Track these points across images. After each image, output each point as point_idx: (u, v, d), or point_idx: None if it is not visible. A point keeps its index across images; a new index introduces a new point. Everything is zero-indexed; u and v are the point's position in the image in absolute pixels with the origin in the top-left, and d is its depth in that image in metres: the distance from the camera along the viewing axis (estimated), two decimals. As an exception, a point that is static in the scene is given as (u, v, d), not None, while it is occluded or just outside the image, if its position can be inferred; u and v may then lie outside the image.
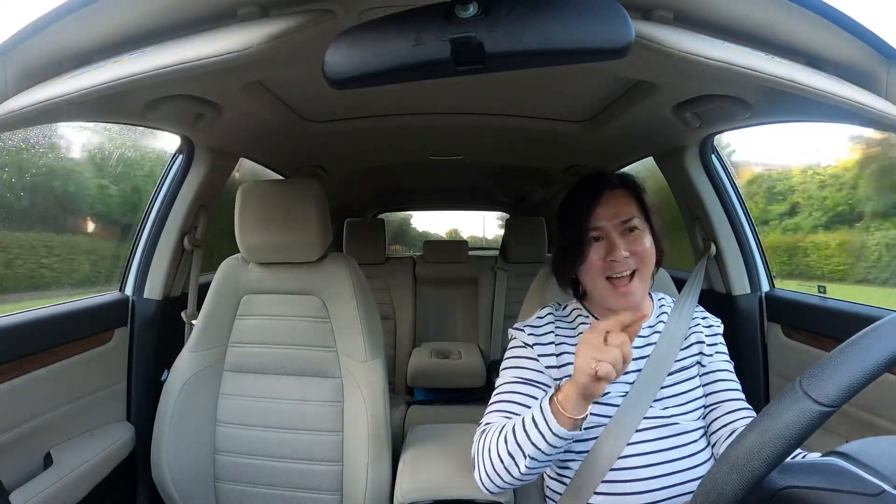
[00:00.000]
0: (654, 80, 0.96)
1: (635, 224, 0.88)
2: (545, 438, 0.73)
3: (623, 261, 0.86)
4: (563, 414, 0.72)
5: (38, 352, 1.09)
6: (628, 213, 0.88)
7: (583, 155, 1.76)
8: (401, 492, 1.05)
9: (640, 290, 0.87)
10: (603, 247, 0.88)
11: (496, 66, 0.57)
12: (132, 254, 1.44)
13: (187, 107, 1.04)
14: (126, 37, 0.72)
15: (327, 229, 1.28)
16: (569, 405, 0.72)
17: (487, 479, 0.81)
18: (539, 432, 0.74)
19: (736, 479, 0.47)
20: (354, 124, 1.41)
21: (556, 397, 0.74)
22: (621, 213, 0.88)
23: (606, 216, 0.88)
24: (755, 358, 1.41)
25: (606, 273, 0.87)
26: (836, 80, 0.72)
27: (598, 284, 0.89)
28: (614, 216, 0.88)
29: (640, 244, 0.87)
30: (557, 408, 0.73)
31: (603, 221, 0.88)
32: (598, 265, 0.87)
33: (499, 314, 2.58)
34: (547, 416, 0.73)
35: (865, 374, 0.46)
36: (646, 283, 0.89)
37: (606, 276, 0.87)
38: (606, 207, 0.88)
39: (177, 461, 1.22)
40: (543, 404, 0.75)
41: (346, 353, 1.25)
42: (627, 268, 0.86)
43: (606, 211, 0.88)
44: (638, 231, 0.88)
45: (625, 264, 0.86)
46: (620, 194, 0.91)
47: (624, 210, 0.88)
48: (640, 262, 0.87)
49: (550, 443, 0.73)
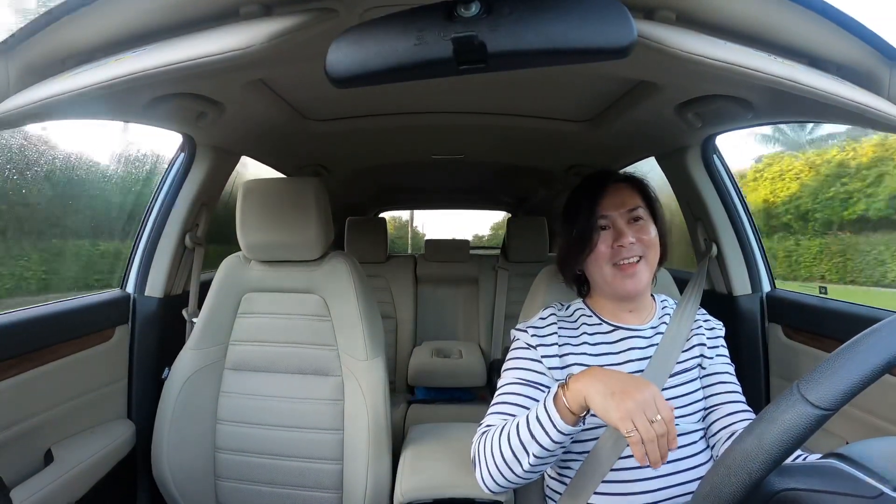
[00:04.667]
0: (656, 80, 0.96)
1: (640, 214, 0.92)
2: (549, 435, 0.73)
3: (630, 246, 0.89)
4: (567, 411, 0.72)
5: (40, 349, 1.09)
6: (634, 203, 0.92)
7: (584, 155, 1.76)
8: (401, 490, 1.05)
9: (646, 275, 0.90)
10: (610, 235, 0.91)
11: (498, 65, 0.57)
12: (133, 251, 1.44)
13: (189, 105, 1.04)
14: (128, 34, 0.72)
15: (328, 228, 1.28)
16: (576, 406, 0.71)
17: (490, 478, 0.81)
18: (543, 429, 0.74)
19: (734, 482, 0.47)
20: (356, 123, 1.41)
21: (564, 396, 0.73)
22: (627, 202, 0.92)
23: (613, 205, 0.92)
24: (756, 358, 1.41)
25: (614, 259, 0.90)
26: (838, 80, 0.72)
27: (605, 270, 0.91)
28: (620, 205, 0.92)
29: (646, 232, 0.91)
30: (563, 406, 0.73)
31: (610, 210, 0.92)
32: (606, 253, 0.91)
33: (499, 313, 2.58)
34: (552, 413, 0.73)
35: (863, 378, 0.46)
36: (651, 271, 0.91)
37: (614, 262, 0.90)
38: (612, 197, 0.92)
39: (177, 459, 1.22)
40: (548, 403, 0.75)
41: (347, 351, 1.25)
42: (634, 253, 0.89)
43: (613, 200, 0.92)
44: (643, 221, 0.92)
45: (632, 249, 0.89)
46: (625, 187, 0.94)
47: (629, 200, 0.92)
48: (646, 248, 0.90)
49: (554, 439, 0.73)
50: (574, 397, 0.71)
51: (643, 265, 0.90)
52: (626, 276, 0.89)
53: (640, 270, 0.89)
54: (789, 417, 0.46)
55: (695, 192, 1.44)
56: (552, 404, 0.74)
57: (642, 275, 0.89)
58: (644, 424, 0.62)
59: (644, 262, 0.90)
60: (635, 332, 0.93)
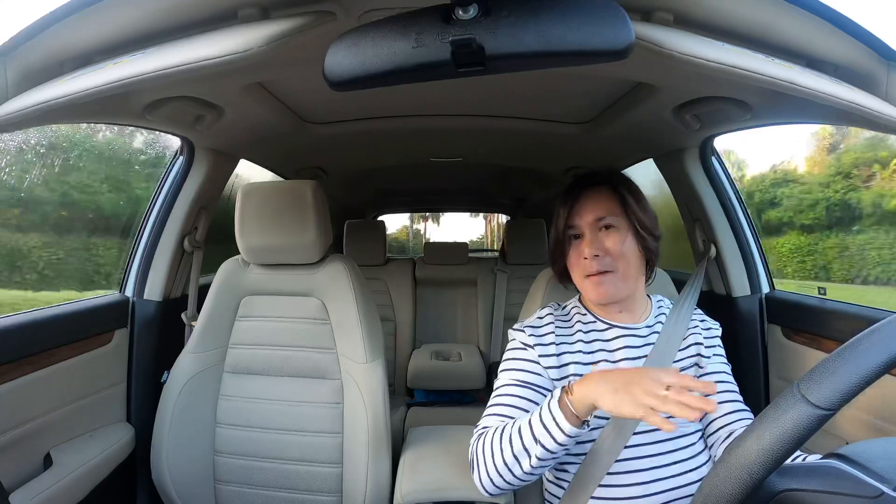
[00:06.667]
0: (654, 81, 0.96)
1: (610, 222, 0.90)
2: (554, 438, 0.73)
3: (592, 258, 0.89)
4: (571, 413, 0.72)
5: (39, 353, 1.08)
6: (603, 212, 0.91)
7: (583, 157, 1.76)
8: (401, 493, 1.05)
9: (617, 284, 0.89)
10: (580, 244, 0.92)
11: (496, 68, 0.57)
12: (132, 255, 1.44)
13: (187, 108, 1.04)
14: (127, 38, 0.72)
15: (327, 231, 1.28)
16: (582, 409, 0.72)
17: (488, 480, 0.81)
18: (548, 432, 0.74)
19: (734, 483, 0.47)
20: (355, 126, 1.41)
21: (568, 399, 0.73)
22: (597, 210, 0.91)
23: (584, 214, 0.92)
24: (755, 359, 1.41)
25: (585, 271, 0.90)
26: (836, 81, 0.72)
27: (577, 278, 0.93)
28: (589, 213, 0.91)
29: (617, 242, 0.89)
30: (568, 409, 0.73)
31: (580, 219, 0.92)
32: (577, 262, 0.92)
33: (499, 316, 2.58)
34: (557, 417, 0.73)
35: (862, 378, 0.45)
36: (626, 280, 0.90)
37: (585, 273, 0.90)
38: (584, 206, 0.92)
39: (176, 462, 1.22)
40: (553, 407, 0.75)
41: (346, 354, 1.25)
42: (598, 266, 0.89)
43: (583, 209, 0.92)
44: (614, 229, 0.90)
45: (595, 262, 0.89)
46: (601, 192, 0.93)
47: (599, 208, 0.91)
48: (613, 260, 0.89)
49: (560, 441, 0.73)
50: (581, 402, 0.72)
51: (612, 277, 0.89)
52: (593, 283, 0.90)
53: (608, 281, 0.88)
54: (789, 417, 0.46)
55: (693, 193, 1.44)
56: (557, 408, 0.74)
57: (611, 285, 0.89)
58: (657, 399, 0.64)
59: (613, 274, 0.89)
60: (630, 331, 0.93)
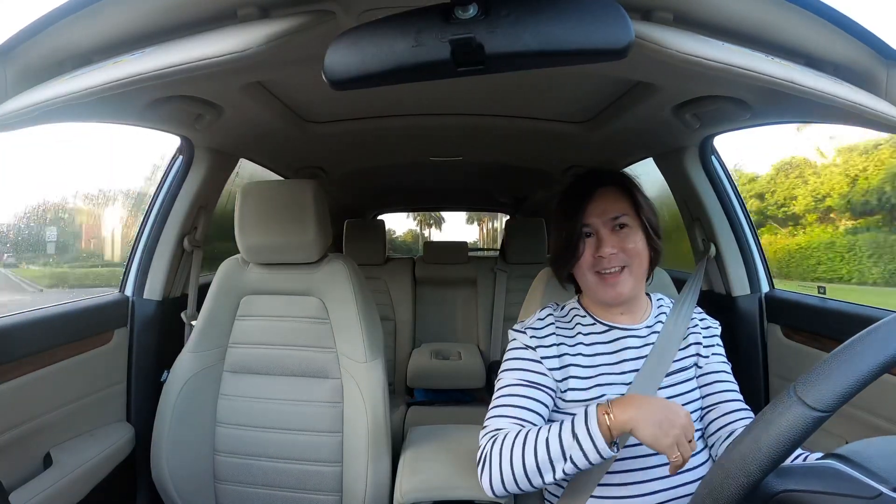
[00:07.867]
0: (653, 81, 0.96)
1: (625, 221, 0.90)
2: (588, 457, 0.73)
3: (610, 257, 0.88)
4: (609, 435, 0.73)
5: (39, 352, 1.08)
6: (618, 210, 0.90)
7: (583, 156, 1.76)
8: (401, 492, 1.05)
9: (629, 284, 0.89)
10: (594, 243, 0.90)
11: (496, 67, 0.57)
12: (132, 254, 1.44)
13: (187, 108, 1.04)
14: (126, 37, 0.72)
15: (327, 230, 1.28)
16: (617, 432, 0.73)
17: (500, 483, 0.79)
18: (582, 450, 0.73)
19: (732, 485, 0.47)
20: (354, 125, 1.41)
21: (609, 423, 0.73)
22: (610, 210, 0.91)
23: (596, 213, 0.91)
24: (755, 359, 1.41)
25: (596, 268, 0.90)
26: (836, 80, 0.72)
27: (587, 278, 0.92)
28: (603, 213, 0.90)
29: (629, 241, 0.89)
30: (608, 431, 0.73)
31: (593, 218, 0.91)
32: (589, 260, 0.91)
33: (498, 315, 2.58)
34: (595, 437, 0.73)
35: (859, 379, 0.45)
36: (637, 279, 0.90)
37: (596, 270, 0.90)
38: (597, 204, 0.91)
39: (176, 462, 1.22)
40: (591, 426, 0.74)
41: (346, 353, 1.25)
42: (616, 263, 0.88)
43: (597, 208, 0.91)
44: (628, 228, 0.90)
45: (612, 260, 0.88)
46: (612, 192, 0.93)
47: (614, 207, 0.91)
48: (629, 258, 0.89)
49: (592, 461, 0.74)
50: (619, 426, 0.72)
51: (626, 275, 0.89)
52: (608, 285, 0.89)
53: (623, 280, 0.89)
54: (786, 420, 0.46)
55: (693, 192, 1.44)
56: (596, 428, 0.73)
57: (624, 285, 0.89)
58: (686, 447, 0.70)
59: (627, 272, 0.89)
60: (630, 332, 0.93)
